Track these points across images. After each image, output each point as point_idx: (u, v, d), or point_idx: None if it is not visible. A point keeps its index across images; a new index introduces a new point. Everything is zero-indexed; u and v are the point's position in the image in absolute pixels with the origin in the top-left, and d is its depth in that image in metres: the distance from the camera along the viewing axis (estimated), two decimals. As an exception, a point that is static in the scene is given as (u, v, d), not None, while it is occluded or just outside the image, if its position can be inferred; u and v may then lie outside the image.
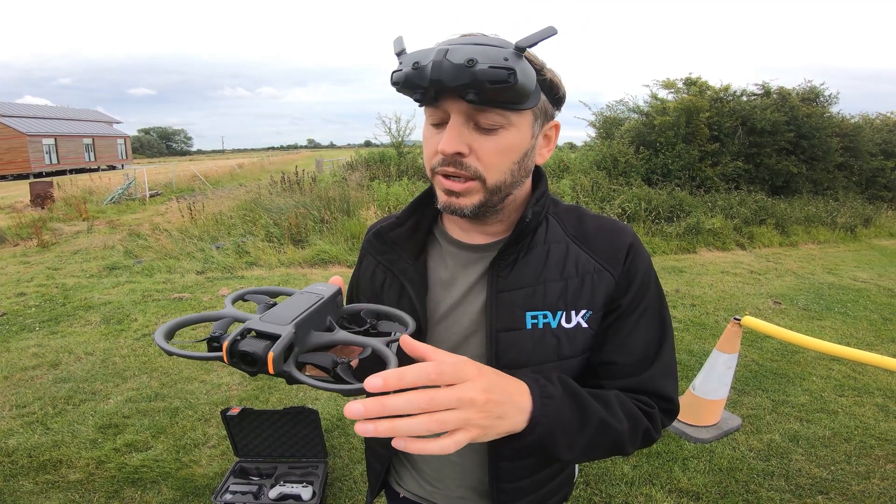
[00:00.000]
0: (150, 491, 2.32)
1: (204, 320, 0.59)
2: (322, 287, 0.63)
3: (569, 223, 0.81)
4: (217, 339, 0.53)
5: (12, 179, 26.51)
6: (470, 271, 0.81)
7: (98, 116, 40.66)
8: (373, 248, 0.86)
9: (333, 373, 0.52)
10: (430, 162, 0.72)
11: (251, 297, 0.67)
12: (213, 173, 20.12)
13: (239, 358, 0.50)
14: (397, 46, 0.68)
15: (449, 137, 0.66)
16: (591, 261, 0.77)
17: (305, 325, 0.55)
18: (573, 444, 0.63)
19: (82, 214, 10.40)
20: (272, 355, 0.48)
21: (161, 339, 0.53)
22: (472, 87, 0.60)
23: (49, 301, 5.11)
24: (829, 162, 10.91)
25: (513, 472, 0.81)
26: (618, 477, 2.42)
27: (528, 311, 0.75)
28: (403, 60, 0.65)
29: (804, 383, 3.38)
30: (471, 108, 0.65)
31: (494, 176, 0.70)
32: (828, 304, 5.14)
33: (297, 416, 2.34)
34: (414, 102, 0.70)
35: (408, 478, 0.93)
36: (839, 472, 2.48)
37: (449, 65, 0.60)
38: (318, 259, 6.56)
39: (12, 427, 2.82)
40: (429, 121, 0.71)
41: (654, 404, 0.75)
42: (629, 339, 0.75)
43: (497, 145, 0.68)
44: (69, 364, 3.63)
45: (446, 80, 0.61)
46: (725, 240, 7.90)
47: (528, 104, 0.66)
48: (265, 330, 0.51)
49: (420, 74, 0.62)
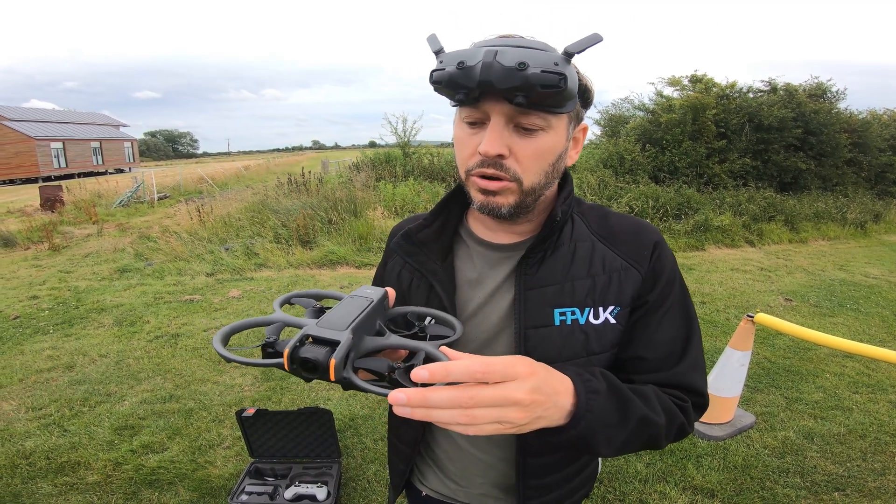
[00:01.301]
0: (167, 492, 2.34)
1: (257, 325, 0.60)
2: (370, 290, 0.64)
3: (593, 222, 0.82)
4: (272, 344, 0.53)
5: (21, 183, 26.76)
6: (498, 270, 0.82)
7: (104, 120, 40.99)
8: (402, 250, 0.87)
9: (389, 377, 0.52)
10: (467, 163, 0.72)
11: (297, 301, 0.68)
12: (220, 175, 20.22)
13: (300, 364, 0.50)
14: (434, 45, 0.68)
15: (491, 139, 0.67)
16: (618, 258, 0.78)
17: (360, 329, 0.55)
18: (612, 440, 0.63)
19: (92, 218, 10.49)
20: (334, 362, 0.48)
21: (219, 346, 0.53)
22: (522, 90, 0.61)
23: (62, 304, 5.16)
24: (838, 158, 10.84)
25: (540, 468, 0.82)
26: (631, 474, 2.42)
27: (557, 307, 0.76)
28: (445, 59, 0.65)
29: (818, 380, 3.36)
30: (513, 109, 0.65)
31: (531, 178, 0.71)
32: (839, 300, 5.11)
33: (311, 416, 2.35)
34: (448, 112, 0.71)
35: (431, 476, 0.93)
36: (855, 469, 2.47)
37: (500, 67, 0.60)
38: (327, 260, 6.59)
39: (29, 429, 2.85)
40: (464, 120, 0.71)
41: (687, 398, 0.75)
42: (657, 335, 0.76)
43: (536, 148, 0.69)
44: (84, 366, 3.67)
45: (496, 81, 0.61)
46: (734, 237, 7.86)
47: (568, 108, 0.67)
48: (323, 336, 0.51)
49: (467, 75, 0.62)
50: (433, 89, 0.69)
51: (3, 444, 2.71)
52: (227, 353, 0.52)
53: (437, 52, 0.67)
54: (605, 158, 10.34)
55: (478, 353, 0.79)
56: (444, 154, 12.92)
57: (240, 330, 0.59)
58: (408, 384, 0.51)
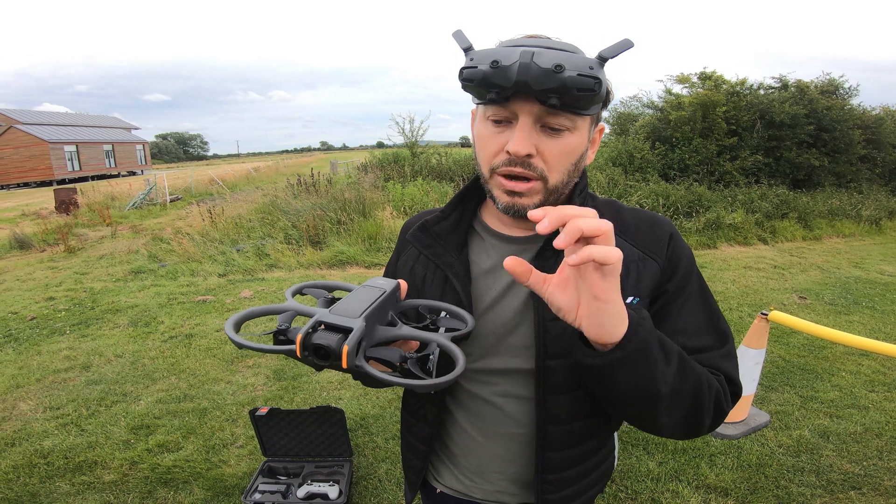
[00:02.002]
0: (182, 491, 2.37)
1: (269, 313, 0.60)
2: (382, 281, 0.64)
3: (607, 215, 0.82)
4: (283, 332, 0.53)
5: (36, 186, 27.17)
6: None
7: (116, 123, 41.47)
8: (418, 242, 0.86)
9: (400, 367, 0.52)
10: (492, 161, 0.73)
11: (309, 291, 0.68)
12: (230, 177, 20.38)
13: (312, 351, 0.50)
14: (463, 42, 0.68)
15: (520, 139, 0.67)
16: (634, 250, 0.78)
17: (373, 318, 0.55)
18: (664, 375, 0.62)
19: (106, 220, 10.63)
20: (346, 349, 0.48)
21: (231, 332, 0.53)
22: (557, 91, 0.61)
23: (78, 305, 5.24)
24: (852, 154, 10.69)
25: (559, 462, 0.82)
26: (643, 473, 2.41)
27: None
28: (476, 57, 0.65)
29: (833, 379, 3.32)
30: (543, 110, 0.66)
31: (555, 177, 0.72)
32: (855, 298, 5.04)
33: (323, 415, 2.37)
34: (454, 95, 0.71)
35: (446, 472, 0.93)
36: (871, 468, 2.44)
37: (537, 68, 0.61)
38: (337, 260, 6.62)
39: (47, 429, 2.90)
40: (490, 118, 0.71)
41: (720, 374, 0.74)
42: (679, 322, 0.76)
43: (562, 147, 0.70)
44: (100, 366, 3.72)
45: (533, 83, 0.61)
46: (747, 234, 7.78)
47: (593, 110, 0.68)
48: (336, 323, 0.51)
49: (502, 74, 0.62)
50: (461, 86, 0.69)
51: (22, 443, 2.76)
52: (240, 338, 0.52)
53: (467, 49, 0.67)
54: (615, 157, 10.28)
55: (495, 346, 0.80)
56: (451, 154, 12.94)
57: (252, 317, 0.59)
58: (421, 375, 0.51)
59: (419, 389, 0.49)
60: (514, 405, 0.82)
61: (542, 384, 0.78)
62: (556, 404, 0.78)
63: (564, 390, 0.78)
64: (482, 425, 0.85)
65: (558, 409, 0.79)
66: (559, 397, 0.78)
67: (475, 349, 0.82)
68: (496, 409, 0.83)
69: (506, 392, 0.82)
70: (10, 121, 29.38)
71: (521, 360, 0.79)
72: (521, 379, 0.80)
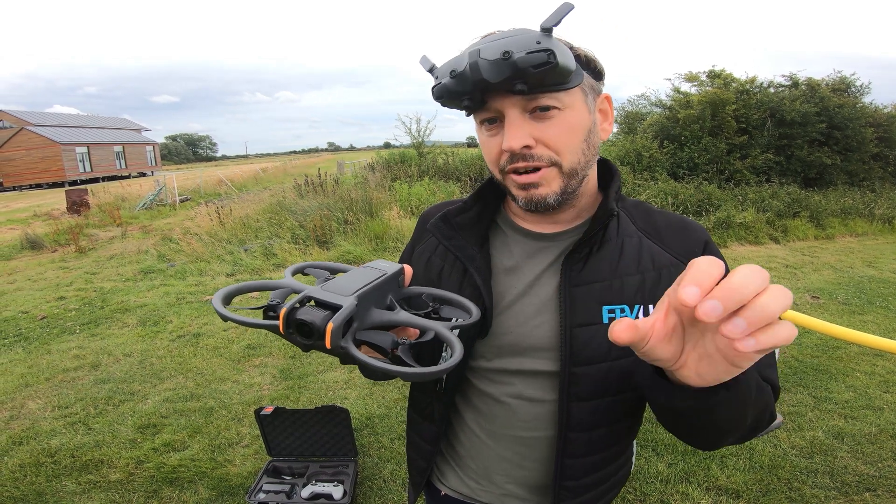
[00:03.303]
0: (187, 490, 2.37)
1: (262, 288, 0.56)
2: (385, 264, 0.60)
3: (638, 217, 0.80)
4: (274, 307, 0.49)
5: (48, 188, 27.49)
6: (536, 260, 0.79)
7: (126, 124, 41.88)
8: (440, 232, 0.82)
9: (392, 355, 0.49)
10: (498, 163, 0.71)
11: (311, 271, 0.64)
12: (239, 178, 20.50)
13: (295, 328, 0.46)
14: (426, 64, 0.69)
15: (510, 134, 0.66)
16: (666, 254, 0.76)
17: (367, 299, 0.51)
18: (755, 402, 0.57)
19: (116, 220, 10.71)
20: (331, 326, 0.44)
21: (218, 304, 0.49)
22: (516, 77, 0.60)
23: (88, 304, 5.27)
24: (864, 153, 10.52)
25: (578, 468, 0.79)
26: (652, 475, 2.37)
27: (605, 304, 0.73)
28: (438, 73, 0.66)
29: (847, 379, 3.26)
30: (522, 99, 0.65)
31: (568, 158, 0.69)
32: (869, 298, 4.95)
33: (328, 415, 2.36)
34: (461, 112, 0.70)
35: (451, 474, 0.91)
36: (887, 469, 2.39)
37: (486, 62, 0.60)
38: (343, 260, 6.62)
39: (55, 427, 2.91)
40: (482, 123, 0.71)
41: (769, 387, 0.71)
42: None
43: (560, 128, 0.67)
44: (108, 365, 3.74)
45: (489, 77, 0.61)
46: (758, 233, 7.68)
47: (574, 82, 0.66)
48: (325, 299, 0.47)
49: (460, 81, 0.63)
50: (440, 105, 0.70)
51: (30, 442, 2.77)
52: (225, 310, 0.48)
53: (430, 69, 0.68)
54: (622, 155, 10.20)
55: (515, 346, 0.78)
56: (458, 154, 12.92)
57: (244, 291, 0.56)
58: (411, 363, 0.48)
59: (407, 378, 0.45)
60: (527, 407, 0.79)
61: (567, 390, 0.75)
62: (579, 411, 0.75)
63: (589, 397, 0.75)
64: (490, 426, 0.83)
65: (581, 416, 0.76)
66: (583, 404, 0.75)
67: (491, 347, 0.79)
68: (507, 410, 0.80)
69: (518, 393, 0.79)
70: (21, 122, 29.78)
71: (540, 362, 0.77)
72: (537, 381, 0.78)
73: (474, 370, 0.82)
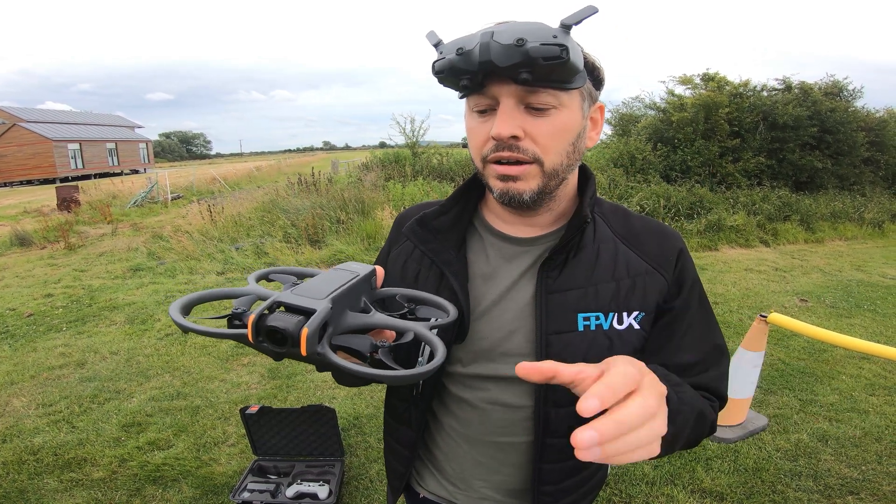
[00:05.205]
0: (170, 489, 2.35)
1: (225, 297, 0.54)
2: (356, 265, 0.59)
3: (615, 222, 0.79)
4: (239, 316, 0.47)
5: (38, 184, 27.25)
6: (514, 265, 0.78)
7: (119, 121, 41.63)
8: (415, 236, 0.81)
9: (371, 358, 0.47)
10: (482, 150, 0.70)
11: (276, 277, 0.61)
12: (232, 176, 20.40)
13: (266, 335, 0.43)
14: (433, 38, 0.67)
15: (502, 121, 0.65)
16: (642, 262, 0.76)
17: (341, 302, 0.49)
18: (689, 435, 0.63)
19: (107, 218, 10.63)
20: (306, 332, 0.42)
21: (177, 314, 0.47)
22: (524, 66, 0.59)
23: (75, 302, 5.23)
24: (856, 157, 10.61)
25: (556, 473, 0.79)
26: (638, 477, 2.38)
27: (580, 312, 0.73)
28: (444, 49, 0.64)
29: (833, 382, 3.28)
30: (521, 90, 0.64)
31: (552, 158, 0.68)
32: (857, 301, 4.99)
33: (314, 414, 2.35)
34: (455, 93, 0.69)
35: (429, 478, 0.91)
36: (870, 473, 2.40)
37: (498, 46, 0.59)
38: (335, 259, 6.60)
39: (38, 425, 2.88)
40: (473, 109, 0.70)
41: (715, 400, 0.76)
42: (685, 340, 0.75)
43: (552, 126, 0.66)
44: (95, 363, 3.71)
45: (497, 60, 0.59)
46: (748, 237, 7.73)
47: (577, 83, 0.65)
48: (297, 304, 0.45)
49: (467, 59, 0.61)
50: (437, 81, 0.68)
51: (12, 440, 2.74)
52: (186, 321, 0.46)
53: (437, 44, 0.66)
54: (616, 157, 10.23)
55: (488, 351, 0.77)
56: (452, 154, 12.92)
57: (205, 300, 0.53)
58: (393, 365, 0.46)
59: (391, 382, 0.44)
60: (501, 413, 0.79)
61: (544, 397, 0.75)
62: (556, 417, 0.76)
63: (566, 404, 0.75)
64: (466, 431, 0.82)
65: (559, 422, 0.76)
66: (560, 410, 0.75)
67: (467, 353, 0.78)
68: (483, 416, 0.80)
69: (494, 399, 0.78)
70: (13, 119, 29.52)
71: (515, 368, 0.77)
72: (514, 387, 0.77)
73: (451, 375, 0.81)
